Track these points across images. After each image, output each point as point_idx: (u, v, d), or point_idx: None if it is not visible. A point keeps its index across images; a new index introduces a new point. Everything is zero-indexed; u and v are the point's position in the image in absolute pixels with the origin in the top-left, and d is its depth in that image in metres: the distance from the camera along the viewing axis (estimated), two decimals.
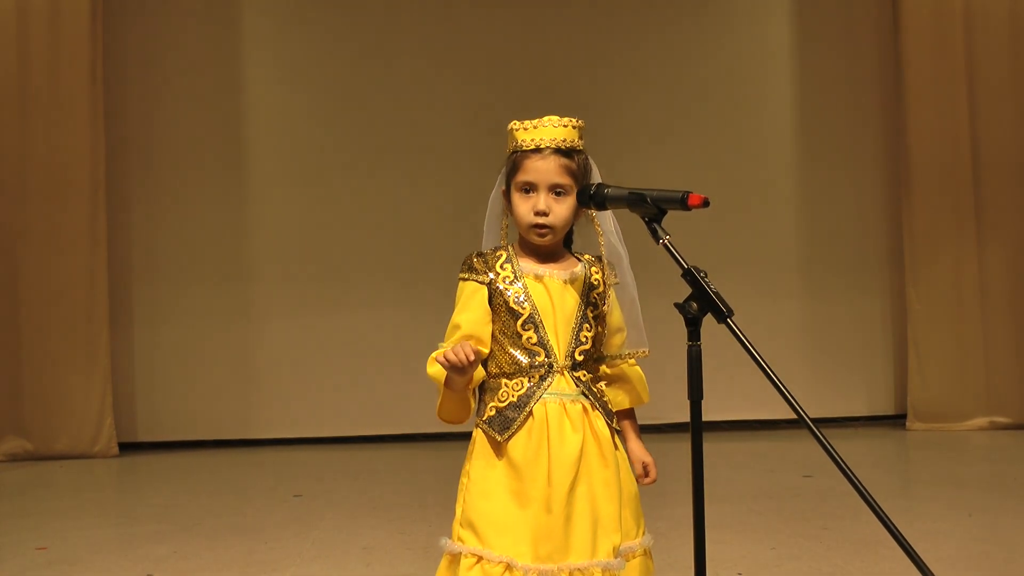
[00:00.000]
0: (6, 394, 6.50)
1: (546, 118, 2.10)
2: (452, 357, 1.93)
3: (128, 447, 6.73)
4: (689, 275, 1.87)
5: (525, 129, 2.10)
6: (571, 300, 2.09)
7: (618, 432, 2.14)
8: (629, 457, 2.17)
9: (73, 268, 6.54)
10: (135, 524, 4.67)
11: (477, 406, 2.11)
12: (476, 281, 2.09)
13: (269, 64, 7.13)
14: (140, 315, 6.94)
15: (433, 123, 7.09)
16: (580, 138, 2.11)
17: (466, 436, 2.18)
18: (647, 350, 2.20)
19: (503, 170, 2.15)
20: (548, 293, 2.08)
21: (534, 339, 2.05)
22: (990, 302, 6.95)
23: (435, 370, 2.02)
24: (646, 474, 2.18)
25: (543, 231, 2.07)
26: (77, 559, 3.97)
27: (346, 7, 7.12)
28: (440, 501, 4.84)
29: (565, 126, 2.09)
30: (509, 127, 2.13)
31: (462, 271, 2.13)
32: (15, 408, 6.50)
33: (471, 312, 2.08)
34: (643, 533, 2.11)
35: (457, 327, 2.08)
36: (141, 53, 6.94)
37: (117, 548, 4.18)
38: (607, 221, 2.16)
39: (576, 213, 2.12)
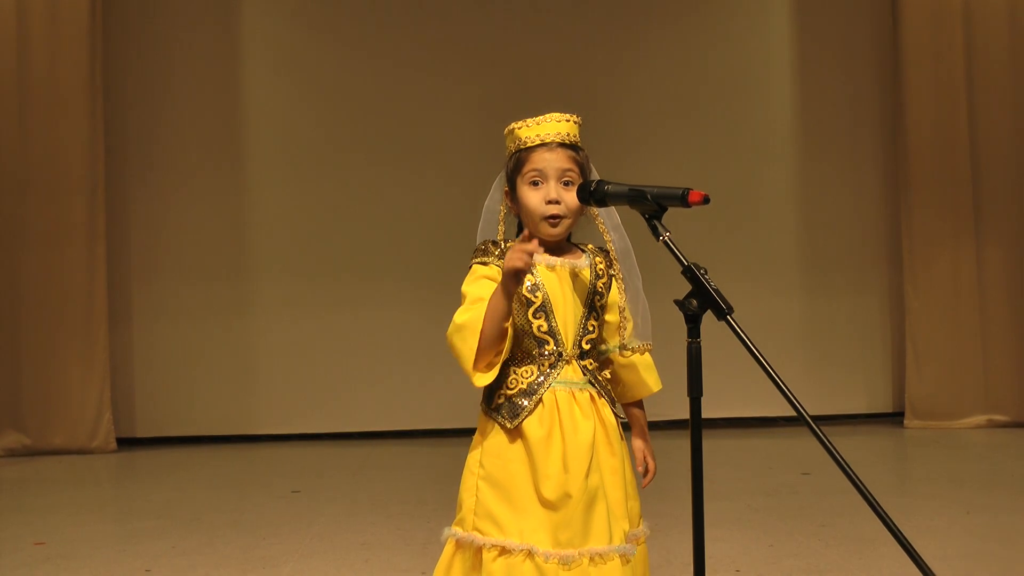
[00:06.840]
0: (5, 389, 6.50)
1: (548, 115, 2.09)
2: (517, 257, 1.89)
3: (126, 442, 6.74)
4: (689, 272, 1.87)
5: (528, 126, 2.09)
6: (579, 289, 2.09)
7: (623, 420, 2.13)
8: (632, 451, 2.17)
9: (72, 265, 6.54)
10: (133, 520, 4.68)
11: (484, 394, 2.09)
12: (496, 265, 2.04)
13: (268, 62, 7.13)
14: (139, 311, 6.94)
15: (432, 121, 7.09)
16: (578, 136, 2.11)
17: (466, 432, 2.17)
18: (650, 344, 2.17)
19: (502, 173, 2.13)
20: (559, 282, 2.07)
21: (544, 327, 2.05)
22: (988, 300, 6.96)
23: (465, 318, 1.97)
24: (646, 471, 2.18)
25: (555, 220, 2.06)
26: (75, 554, 3.96)
27: (346, 6, 7.12)
28: (439, 497, 4.84)
29: (568, 121, 2.10)
30: (508, 128, 2.12)
31: (476, 256, 2.08)
32: (13, 403, 6.50)
33: (492, 287, 2.02)
34: (642, 521, 2.13)
35: (480, 299, 2.01)
36: (140, 52, 6.95)
37: (115, 543, 4.18)
38: (612, 216, 2.14)
39: (578, 210, 2.11)
